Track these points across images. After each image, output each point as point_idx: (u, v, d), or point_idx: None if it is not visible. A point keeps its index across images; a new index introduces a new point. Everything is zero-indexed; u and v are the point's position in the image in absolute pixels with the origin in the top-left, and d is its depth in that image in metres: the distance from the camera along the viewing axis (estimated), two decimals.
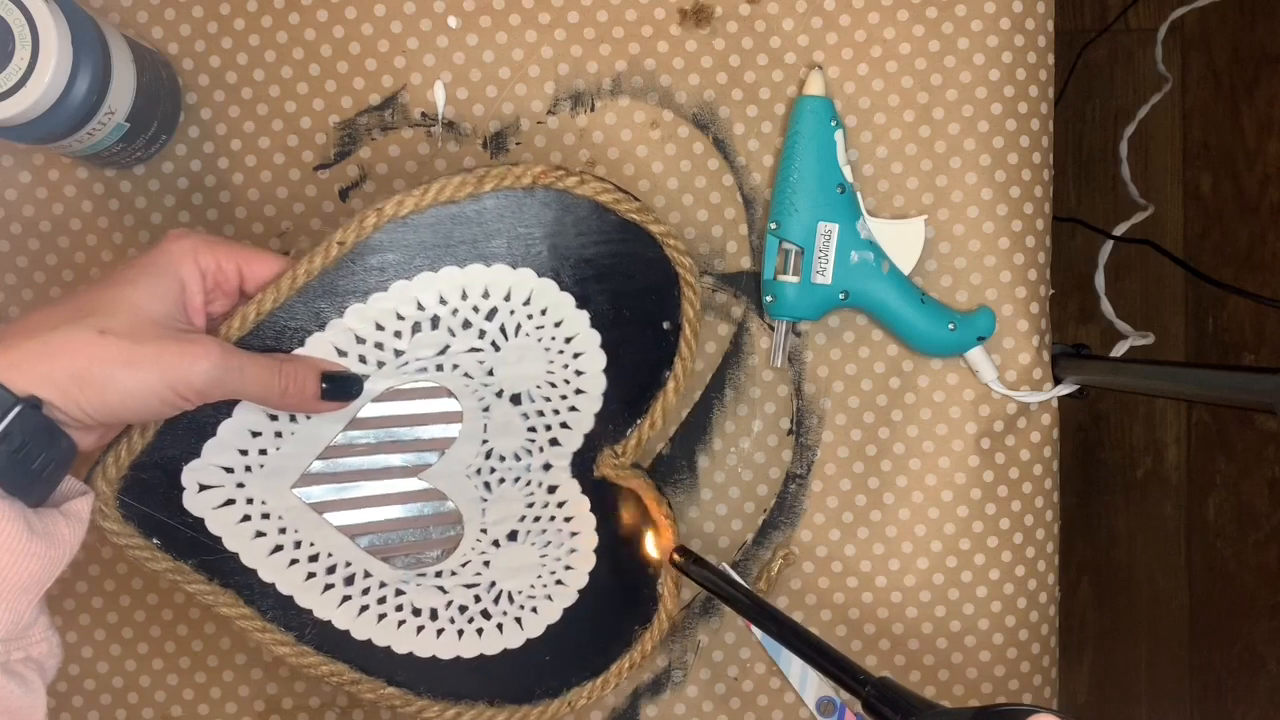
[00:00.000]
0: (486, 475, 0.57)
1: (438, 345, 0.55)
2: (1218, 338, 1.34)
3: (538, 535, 0.59)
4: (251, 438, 0.54)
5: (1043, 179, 0.63)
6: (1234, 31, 1.33)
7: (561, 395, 0.57)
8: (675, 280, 0.57)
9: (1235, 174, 1.34)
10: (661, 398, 0.58)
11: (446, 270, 0.54)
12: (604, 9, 0.62)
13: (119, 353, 0.46)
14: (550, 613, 0.59)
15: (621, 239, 0.56)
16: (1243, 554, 1.35)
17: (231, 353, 0.49)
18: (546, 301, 0.56)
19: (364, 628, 0.57)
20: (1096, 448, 1.36)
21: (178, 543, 0.54)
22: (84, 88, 0.51)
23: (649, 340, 0.58)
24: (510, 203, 0.55)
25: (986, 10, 0.61)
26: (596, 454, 0.58)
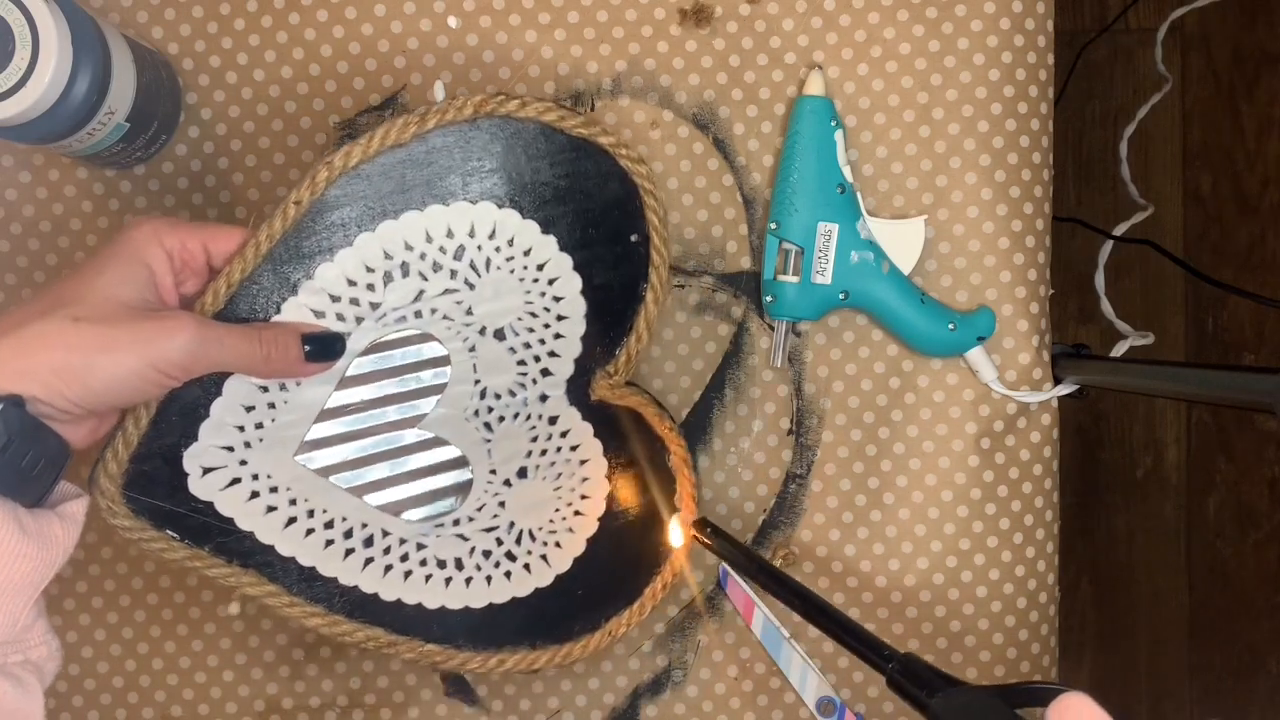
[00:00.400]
0: (485, 415, 0.57)
1: (412, 292, 0.55)
2: (1218, 338, 1.34)
3: (547, 469, 0.58)
4: (245, 413, 0.54)
5: (1043, 179, 0.63)
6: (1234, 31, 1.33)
7: (544, 324, 0.57)
8: (634, 192, 0.57)
9: (1235, 174, 1.34)
10: (643, 311, 0.58)
11: (407, 216, 0.54)
12: (604, 9, 0.62)
13: (94, 338, 0.46)
14: (574, 546, 0.59)
15: (574, 157, 0.56)
16: (1243, 554, 1.35)
17: (207, 324, 0.49)
18: (511, 232, 0.55)
19: (391, 587, 0.57)
20: (1096, 448, 1.36)
21: (191, 530, 0.54)
22: (84, 88, 0.51)
23: (620, 256, 0.57)
24: (456, 138, 0.54)
25: (986, 10, 0.61)
26: (590, 378, 0.58)
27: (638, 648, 0.64)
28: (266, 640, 0.63)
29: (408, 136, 0.54)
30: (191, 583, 0.63)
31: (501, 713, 0.64)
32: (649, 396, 0.59)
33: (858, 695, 0.63)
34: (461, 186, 0.55)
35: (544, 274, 0.56)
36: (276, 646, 0.63)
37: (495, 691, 0.63)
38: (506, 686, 0.63)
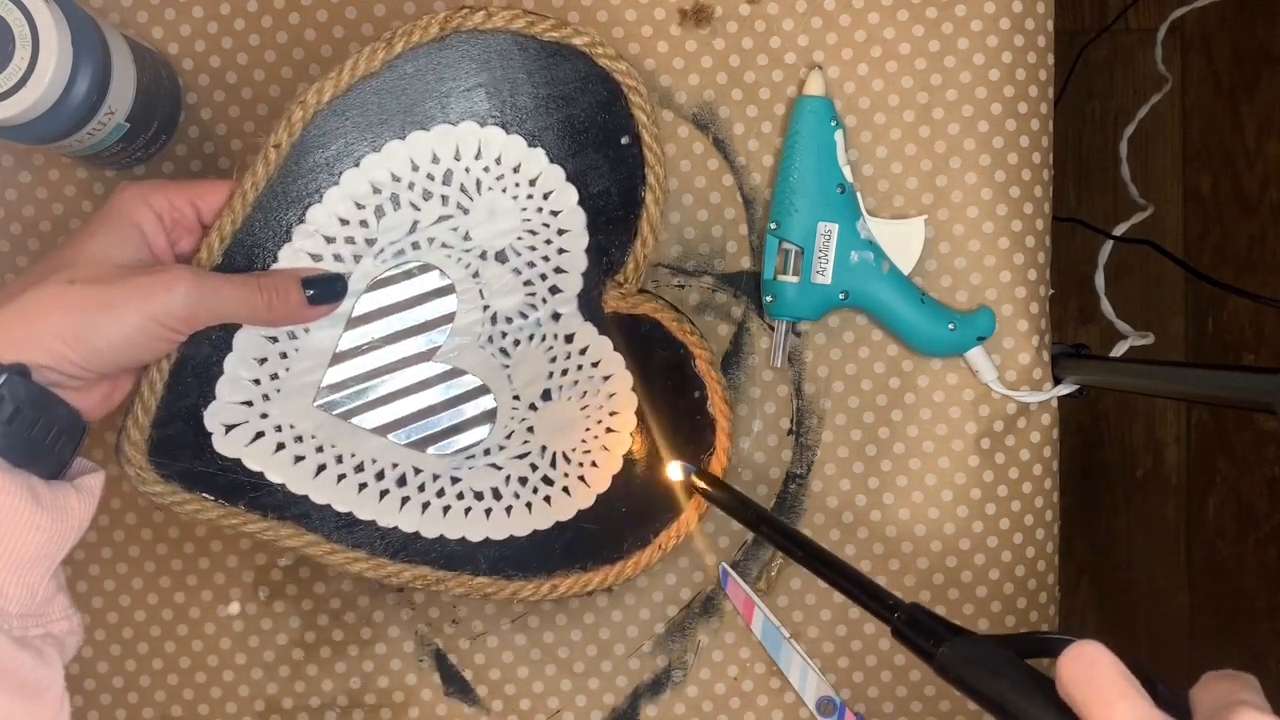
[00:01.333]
0: (499, 341, 0.57)
1: (406, 223, 0.55)
2: (1218, 338, 1.34)
3: (570, 388, 0.58)
4: (259, 365, 0.54)
5: (1043, 179, 0.63)
6: (1234, 31, 1.32)
7: (546, 240, 0.56)
8: (618, 92, 0.56)
9: (1235, 174, 1.34)
10: (645, 214, 0.57)
11: (389, 146, 0.54)
12: (604, 9, 0.62)
13: (92, 298, 0.46)
14: (610, 464, 0.58)
15: (551, 64, 0.55)
16: (1243, 554, 1.35)
17: (204, 275, 0.49)
18: (498, 149, 0.55)
19: (431, 524, 0.56)
20: (1096, 448, 1.36)
21: (222, 488, 0.54)
22: (84, 88, 0.51)
23: (613, 161, 0.56)
24: (428, 61, 0.54)
25: (986, 10, 0.61)
26: (600, 290, 0.57)
27: (638, 648, 0.64)
28: (266, 640, 0.63)
29: (377, 64, 0.53)
30: (192, 582, 0.63)
31: (501, 713, 0.64)
32: (664, 302, 0.58)
33: (858, 695, 0.63)
34: (440, 109, 0.54)
35: (537, 189, 0.56)
36: (276, 646, 0.63)
37: (495, 691, 0.63)
38: (506, 686, 0.63)
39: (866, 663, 0.63)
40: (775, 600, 0.63)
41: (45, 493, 0.46)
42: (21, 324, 0.46)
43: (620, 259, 0.57)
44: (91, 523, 0.62)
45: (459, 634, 0.63)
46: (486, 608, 0.63)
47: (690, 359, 0.58)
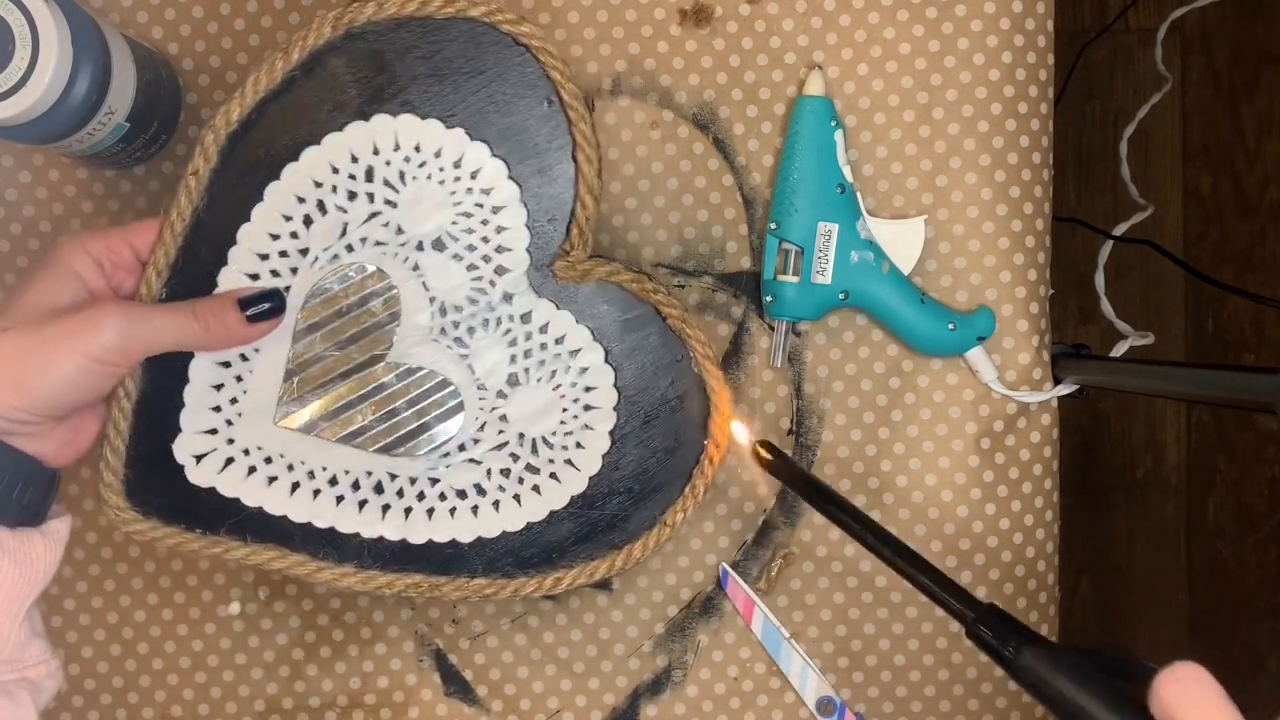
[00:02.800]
0: (453, 331, 0.56)
1: (336, 227, 0.54)
2: (1218, 338, 1.34)
3: (538, 368, 0.56)
4: (216, 392, 0.54)
5: (1043, 179, 0.63)
6: (1234, 31, 1.32)
7: (482, 221, 0.55)
8: (525, 54, 0.55)
9: (1235, 174, 1.34)
10: (580, 177, 0.56)
11: (307, 154, 0.54)
12: (604, 9, 0.62)
13: (23, 343, 0.47)
14: (598, 442, 0.56)
15: (449, 39, 0.54)
16: (1243, 554, 1.35)
17: (133, 307, 0.49)
18: (415, 137, 0.54)
19: (417, 530, 0.56)
20: (1096, 448, 1.36)
21: (202, 518, 0.54)
22: (84, 88, 0.51)
23: (537, 125, 0.55)
24: (325, 66, 0.54)
25: (986, 10, 0.61)
26: (549, 264, 0.56)
27: (638, 648, 0.64)
28: (266, 640, 0.63)
29: (279, 79, 0.53)
30: (192, 582, 0.63)
31: (501, 713, 0.64)
32: (619, 264, 0.57)
33: (858, 695, 0.63)
34: (352, 107, 0.54)
35: (464, 170, 0.55)
36: (276, 646, 0.63)
37: (495, 691, 0.63)
38: (506, 686, 0.63)
39: (866, 663, 0.63)
40: (775, 600, 0.63)
41: (9, 540, 0.46)
42: None
43: (564, 228, 0.56)
44: (91, 526, 0.62)
45: (459, 634, 0.63)
46: (486, 608, 0.63)
47: (660, 319, 0.57)
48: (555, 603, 0.63)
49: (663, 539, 0.57)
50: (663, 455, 0.57)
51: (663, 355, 0.57)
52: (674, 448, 0.57)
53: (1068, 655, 0.40)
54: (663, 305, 0.57)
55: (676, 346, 0.57)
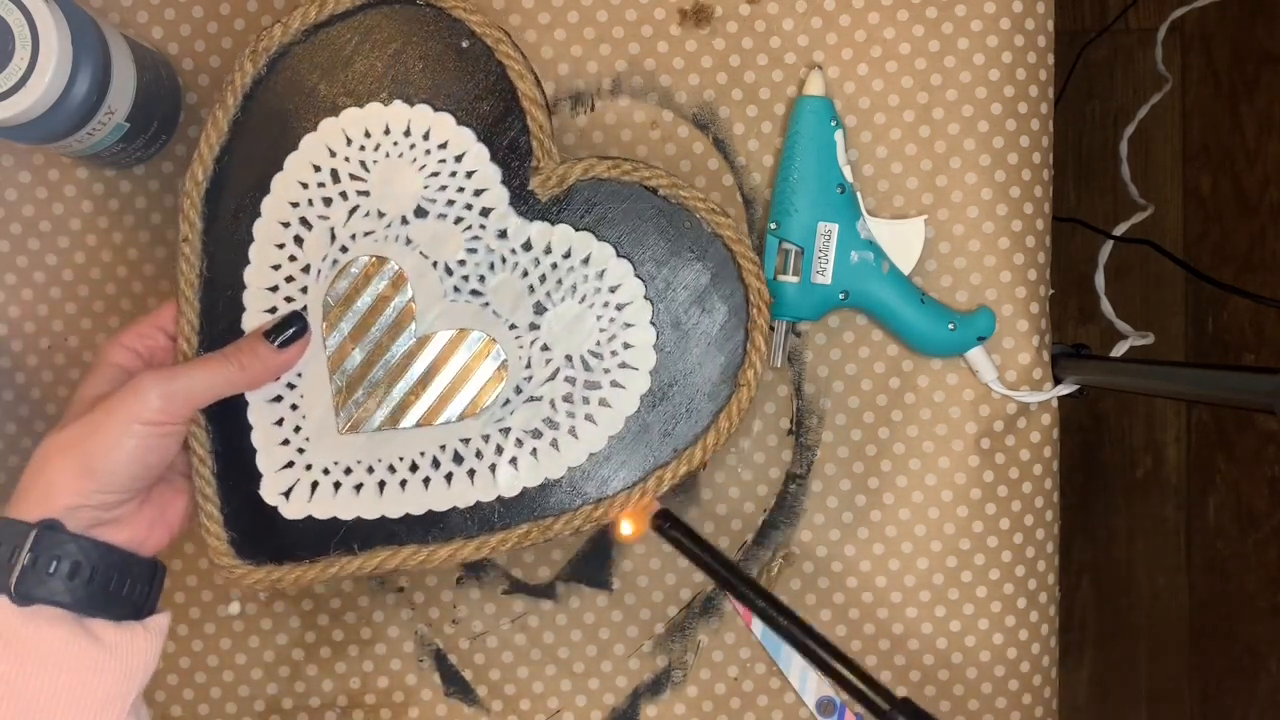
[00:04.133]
0: (466, 286, 0.56)
1: (325, 235, 0.56)
2: (1218, 338, 1.34)
3: (556, 288, 0.57)
4: (278, 427, 0.55)
5: (1043, 179, 0.63)
6: (1234, 31, 1.33)
7: (450, 174, 0.56)
8: (427, 9, 0.56)
9: (1235, 174, 1.34)
10: (519, 93, 0.56)
11: (276, 181, 0.56)
12: (604, 9, 0.62)
13: (78, 431, 0.49)
14: (643, 335, 0.56)
15: (370, 23, 0.56)
16: (1243, 554, 1.35)
17: (168, 368, 0.52)
18: (362, 125, 0.56)
19: (509, 483, 0.56)
20: (1096, 448, 1.36)
21: (310, 547, 0.56)
22: (84, 88, 0.51)
23: (465, 67, 0.56)
24: (261, 98, 0.55)
25: (986, 10, 0.61)
26: (527, 187, 0.57)
27: (638, 648, 0.64)
28: (266, 640, 0.63)
29: (225, 126, 0.55)
30: (192, 582, 0.63)
31: (501, 713, 0.64)
32: (592, 158, 0.57)
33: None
34: (298, 126, 0.56)
35: (415, 135, 0.56)
36: (276, 646, 0.63)
37: (495, 691, 0.63)
38: (506, 686, 0.63)
39: (866, 663, 0.63)
40: None
41: (111, 635, 0.48)
42: (35, 481, 0.49)
43: (525, 145, 0.56)
44: None
45: (459, 634, 0.63)
46: (487, 607, 0.63)
47: (653, 194, 0.57)
48: (555, 603, 0.63)
49: (698, 461, 0.57)
50: (709, 329, 0.57)
51: (670, 229, 0.57)
52: (719, 355, 0.57)
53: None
54: (648, 180, 0.57)
55: (680, 215, 0.57)
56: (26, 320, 0.62)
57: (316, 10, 0.55)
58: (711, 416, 0.57)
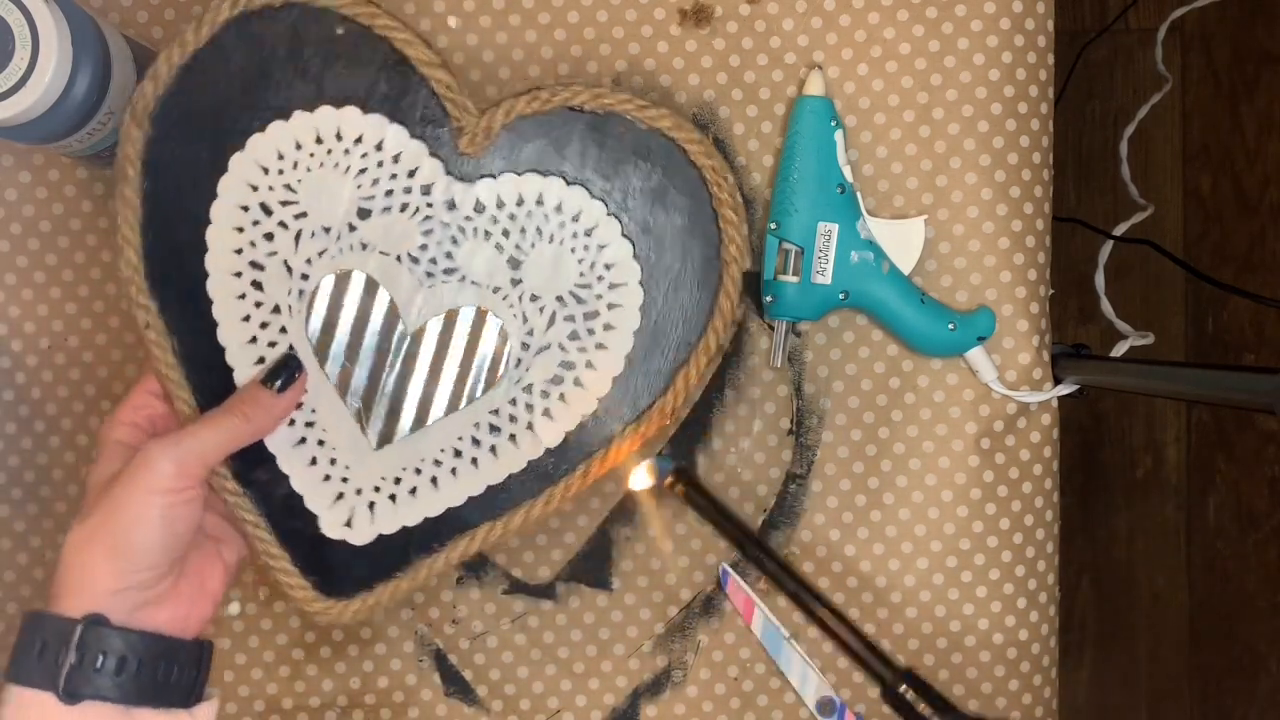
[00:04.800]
0: (438, 268, 0.56)
1: (281, 270, 0.55)
2: (1218, 338, 1.34)
3: (521, 237, 0.56)
4: (313, 465, 0.56)
5: (1043, 179, 0.63)
6: (1234, 31, 1.33)
7: (378, 164, 0.55)
8: (291, 8, 0.55)
9: (1235, 174, 1.34)
10: (414, 63, 0.55)
11: (210, 235, 0.55)
12: (604, 9, 0.62)
13: (99, 517, 0.49)
14: (620, 250, 0.56)
15: (231, 57, 0.54)
16: (1243, 554, 1.35)
17: (174, 434, 0.51)
18: (275, 146, 0.55)
19: (550, 433, 0.57)
20: (1096, 448, 1.36)
21: (392, 564, 0.57)
22: (84, 88, 0.51)
23: (350, 52, 0.55)
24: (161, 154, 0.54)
25: (986, 10, 0.61)
26: (457, 150, 0.56)
27: (638, 648, 0.64)
28: (266, 640, 0.63)
29: (136, 200, 0.54)
30: None
31: (501, 713, 0.64)
32: (509, 99, 0.55)
33: (858, 695, 0.63)
34: (209, 168, 0.55)
35: (328, 139, 0.55)
36: (276, 647, 0.63)
37: (495, 691, 0.63)
38: (506, 686, 0.63)
39: None
40: (775, 600, 0.63)
41: None
42: (69, 574, 0.48)
43: (440, 113, 0.55)
44: None
45: (459, 634, 0.63)
46: (487, 607, 0.63)
47: (579, 111, 0.56)
48: (555, 603, 0.63)
49: (691, 385, 0.57)
50: (679, 222, 0.57)
51: (607, 140, 0.56)
52: (687, 209, 0.57)
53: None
54: (570, 100, 0.56)
55: (612, 123, 0.56)
56: (26, 320, 0.62)
57: (179, 53, 0.54)
58: (711, 301, 0.57)
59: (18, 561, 0.63)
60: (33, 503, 0.63)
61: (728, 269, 0.57)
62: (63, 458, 0.62)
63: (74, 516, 0.50)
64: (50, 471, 0.63)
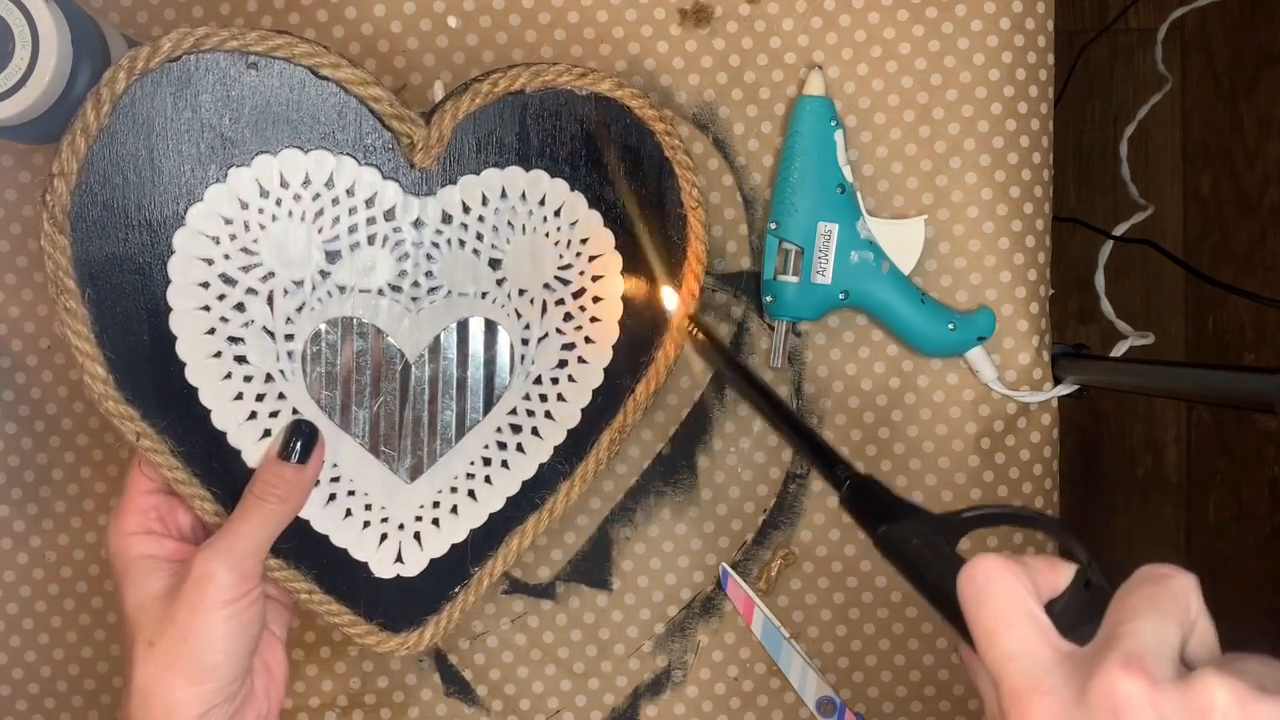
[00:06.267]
0: (421, 290, 0.54)
1: (261, 336, 0.52)
2: (1218, 338, 1.34)
3: (494, 235, 0.55)
4: (349, 516, 0.55)
5: (1043, 179, 0.63)
6: (1234, 31, 1.33)
7: (333, 201, 0.52)
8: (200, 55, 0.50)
9: (1235, 174, 1.34)
10: (344, 85, 0.52)
11: (174, 297, 0.51)
12: (604, 9, 0.62)
13: (168, 644, 0.48)
14: (595, 229, 0.56)
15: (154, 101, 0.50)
16: (1243, 554, 1.35)
17: (218, 541, 0.50)
18: (219, 211, 0.51)
19: (569, 415, 0.57)
20: (1096, 448, 1.36)
21: (451, 581, 0.57)
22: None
23: (274, 92, 0.51)
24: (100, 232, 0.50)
25: (986, 10, 0.61)
26: (412, 167, 0.53)
27: (638, 648, 0.64)
28: None
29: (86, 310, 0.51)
30: None
31: (501, 713, 0.64)
32: (448, 102, 0.53)
33: (858, 695, 0.63)
34: (160, 236, 0.51)
35: (274, 187, 0.52)
36: None
37: (495, 691, 0.63)
38: (506, 686, 0.63)
39: (866, 663, 0.63)
40: (775, 600, 0.63)
41: None
42: (151, 709, 0.48)
43: (384, 135, 0.52)
44: (90, 527, 0.62)
45: (459, 634, 0.63)
46: (487, 607, 0.63)
47: (520, 94, 0.54)
48: (555, 603, 0.63)
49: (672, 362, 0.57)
50: (639, 180, 0.56)
51: (551, 116, 0.55)
52: (644, 165, 0.56)
53: (926, 526, 0.40)
54: (510, 86, 0.54)
55: (551, 97, 0.54)
56: (26, 320, 0.62)
57: (84, 139, 0.49)
58: (684, 248, 0.57)
59: (17, 561, 0.63)
60: (33, 503, 0.63)
61: (693, 215, 0.56)
62: (63, 458, 0.62)
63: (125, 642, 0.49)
64: (50, 471, 0.63)
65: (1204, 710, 0.30)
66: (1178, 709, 0.30)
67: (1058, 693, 0.32)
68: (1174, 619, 0.34)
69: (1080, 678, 0.32)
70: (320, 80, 0.52)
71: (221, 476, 0.52)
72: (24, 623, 0.63)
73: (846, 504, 0.43)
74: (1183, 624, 0.34)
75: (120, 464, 0.62)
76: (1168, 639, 0.33)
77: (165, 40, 0.50)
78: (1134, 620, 0.34)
